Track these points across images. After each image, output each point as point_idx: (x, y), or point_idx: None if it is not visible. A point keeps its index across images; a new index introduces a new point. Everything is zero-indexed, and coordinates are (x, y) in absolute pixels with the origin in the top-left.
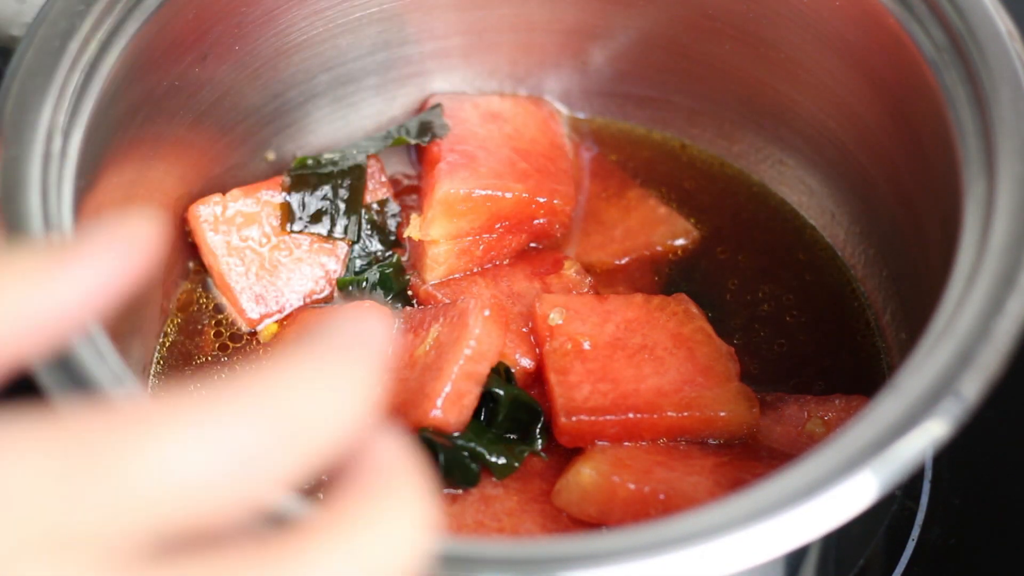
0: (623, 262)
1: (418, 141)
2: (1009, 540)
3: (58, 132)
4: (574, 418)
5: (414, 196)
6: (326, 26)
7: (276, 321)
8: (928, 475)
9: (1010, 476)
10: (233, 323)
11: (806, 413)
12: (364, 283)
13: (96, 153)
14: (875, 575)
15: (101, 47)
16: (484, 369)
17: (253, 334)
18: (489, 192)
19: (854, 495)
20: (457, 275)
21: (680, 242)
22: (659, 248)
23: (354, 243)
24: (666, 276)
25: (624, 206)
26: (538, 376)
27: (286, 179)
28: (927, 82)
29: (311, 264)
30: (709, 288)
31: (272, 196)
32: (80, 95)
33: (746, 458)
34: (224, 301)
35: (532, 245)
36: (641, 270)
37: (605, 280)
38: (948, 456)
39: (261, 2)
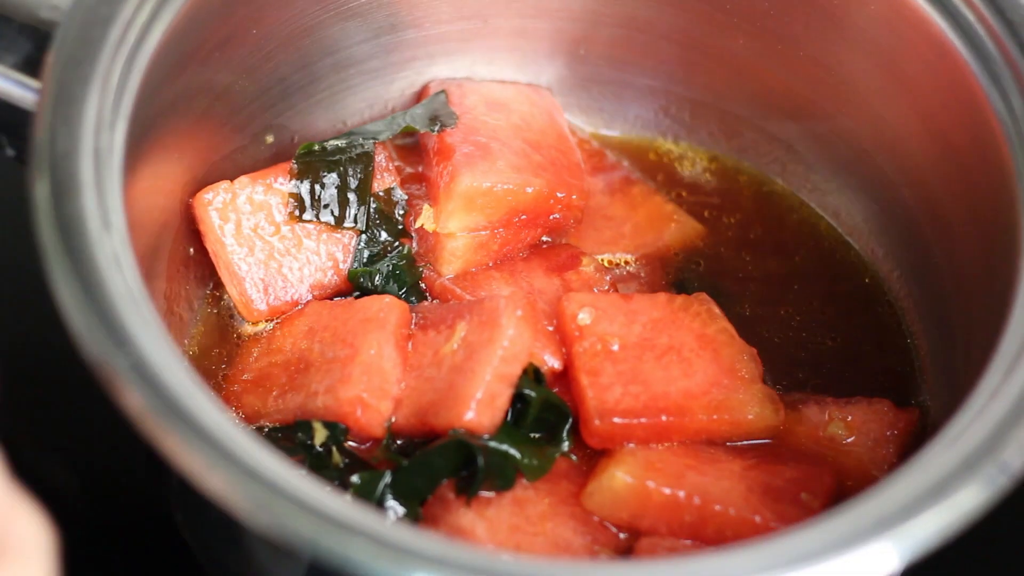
0: (634, 259)
1: (427, 129)
2: (1009, 540)
3: (105, 126)
4: (607, 420)
5: (414, 186)
6: (338, 8)
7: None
8: None
9: None
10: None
11: (827, 415)
12: (376, 275)
13: (135, 146)
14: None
15: (140, 34)
16: (516, 370)
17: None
18: (510, 186)
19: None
20: (473, 269)
21: (689, 239)
22: (669, 245)
23: (362, 232)
24: (675, 273)
25: (629, 202)
26: (563, 375)
27: (294, 166)
28: (979, 108)
29: (319, 254)
30: (719, 286)
31: (281, 183)
32: (122, 85)
33: (772, 461)
34: (231, 293)
35: (544, 239)
36: (651, 267)
37: (615, 277)
38: None
39: None
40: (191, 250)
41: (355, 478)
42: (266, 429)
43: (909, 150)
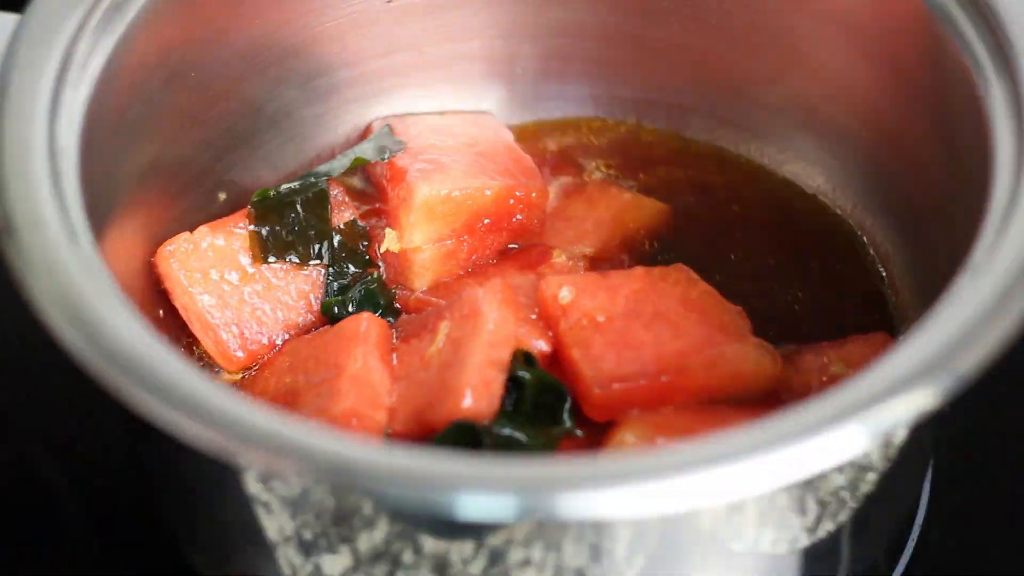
0: (600, 252)
1: (377, 159)
2: (1010, 540)
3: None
4: (607, 388)
5: (373, 219)
6: (269, 53)
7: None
8: (928, 474)
9: (1010, 476)
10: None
11: (825, 359)
12: (350, 303)
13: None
14: (876, 575)
15: (79, 74)
16: (505, 355)
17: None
18: (468, 191)
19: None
20: (445, 279)
21: (653, 221)
22: (634, 230)
23: (329, 266)
24: (646, 257)
25: (586, 200)
26: (553, 360)
27: (251, 210)
28: (929, 28)
29: (289, 292)
30: (689, 259)
31: (241, 229)
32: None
33: (777, 410)
34: (206, 346)
35: (512, 246)
36: (619, 256)
37: (587, 269)
38: (948, 455)
39: (213, 21)
40: (160, 312)
41: None
42: None
43: (860, 91)
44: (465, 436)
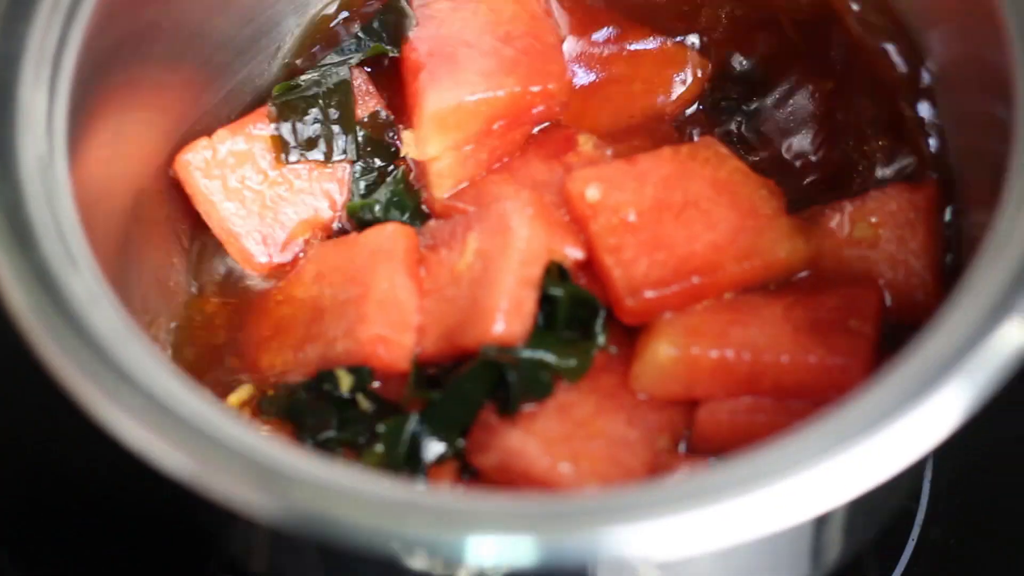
0: (634, 120)
1: (395, 53)
2: (1009, 540)
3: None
4: (639, 296)
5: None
6: None
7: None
8: (928, 475)
9: (1010, 476)
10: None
11: (848, 219)
12: (376, 205)
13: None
14: (875, 575)
15: None
16: (537, 272)
17: None
18: (480, 96)
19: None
20: (467, 183)
21: (690, 81)
22: (671, 95)
23: (354, 162)
24: (681, 117)
25: (631, 57)
26: (587, 264)
27: (271, 109)
28: None
29: (314, 194)
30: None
31: (261, 129)
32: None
33: (811, 293)
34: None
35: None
36: (656, 120)
37: (621, 139)
38: (948, 456)
39: None
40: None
41: (380, 427)
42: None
43: None
44: (491, 372)
